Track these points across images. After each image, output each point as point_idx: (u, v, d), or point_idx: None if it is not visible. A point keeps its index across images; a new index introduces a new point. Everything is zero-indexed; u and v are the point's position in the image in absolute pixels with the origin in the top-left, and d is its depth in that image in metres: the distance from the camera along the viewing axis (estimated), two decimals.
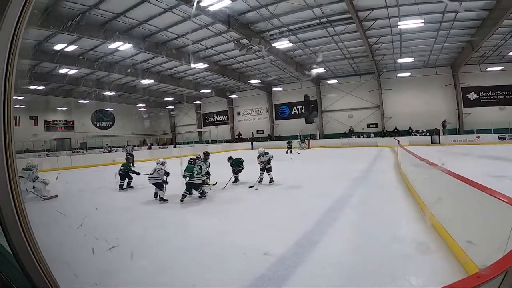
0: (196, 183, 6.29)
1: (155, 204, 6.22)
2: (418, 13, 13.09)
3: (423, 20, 13.22)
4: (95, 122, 32.66)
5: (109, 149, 25.89)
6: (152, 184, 6.47)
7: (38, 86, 22.34)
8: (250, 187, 7.38)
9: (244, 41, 16.90)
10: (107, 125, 33.68)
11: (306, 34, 16.63)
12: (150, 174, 6.55)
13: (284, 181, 8.11)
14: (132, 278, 2.91)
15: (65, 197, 7.41)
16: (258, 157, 7.99)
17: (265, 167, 7.88)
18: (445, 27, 15.20)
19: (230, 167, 8.32)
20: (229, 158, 8.42)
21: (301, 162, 14.41)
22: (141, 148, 30.91)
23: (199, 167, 6.56)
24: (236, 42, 17.28)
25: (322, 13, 14.00)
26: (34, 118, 27.42)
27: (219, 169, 8.39)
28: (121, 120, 34.29)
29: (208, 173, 7.41)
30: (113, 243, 3.39)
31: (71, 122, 30.55)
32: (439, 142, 21.36)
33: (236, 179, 8.24)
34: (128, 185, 8.30)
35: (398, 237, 3.75)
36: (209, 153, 7.73)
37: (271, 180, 7.90)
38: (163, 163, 6.67)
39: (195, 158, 7.30)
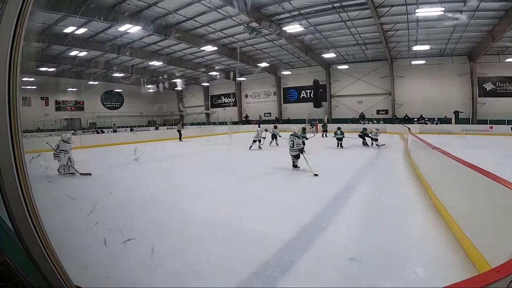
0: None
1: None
2: (438, 1, 12.48)
3: (443, 8, 12.63)
4: (105, 103, 32.94)
5: (115, 129, 26.41)
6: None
7: (48, 68, 22.60)
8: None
9: (254, 24, 16.49)
10: (116, 106, 33.95)
11: (318, 19, 16.06)
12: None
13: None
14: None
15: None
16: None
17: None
18: (466, 16, 14.40)
19: None
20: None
21: (307, 148, 14.25)
22: (148, 128, 31.31)
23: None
24: (246, 25, 16.88)
25: None
26: (45, 98, 27.83)
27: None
28: (130, 101, 34.49)
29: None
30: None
31: (81, 103, 30.89)
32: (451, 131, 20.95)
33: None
34: None
35: (406, 226, 3.75)
36: None
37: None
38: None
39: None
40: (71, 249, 2.91)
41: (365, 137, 13.15)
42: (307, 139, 8.26)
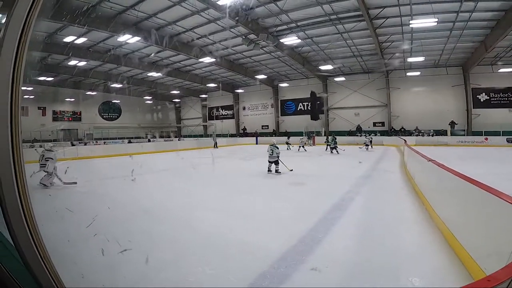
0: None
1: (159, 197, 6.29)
2: (431, 12, 12.86)
3: (436, 19, 13.00)
4: (102, 114, 32.94)
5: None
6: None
7: (47, 77, 22.67)
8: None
9: (252, 36, 16.80)
10: (114, 117, 33.95)
11: (315, 31, 16.44)
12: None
13: (288, 177, 8.29)
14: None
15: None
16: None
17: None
18: (459, 27, 14.90)
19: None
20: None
21: (306, 159, 14.38)
22: (146, 140, 31.25)
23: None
24: (244, 37, 17.19)
25: (332, 10, 13.82)
26: (42, 108, 27.81)
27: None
28: (128, 112, 34.55)
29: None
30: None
31: (79, 113, 30.87)
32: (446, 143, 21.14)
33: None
34: None
35: (401, 238, 3.76)
36: None
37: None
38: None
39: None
40: (68, 258, 2.96)
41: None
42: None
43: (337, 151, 16.06)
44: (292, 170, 9.04)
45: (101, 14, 13.92)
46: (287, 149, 19.32)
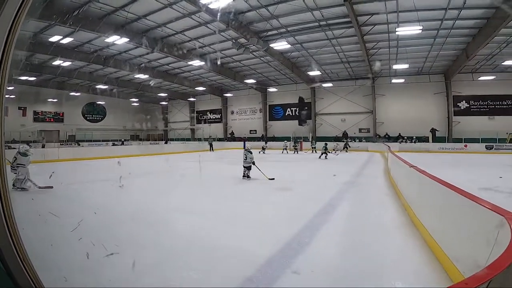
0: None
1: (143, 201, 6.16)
2: (416, 20, 13.33)
3: (421, 27, 13.47)
4: (86, 115, 32.09)
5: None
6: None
7: (29, 77, 21.94)
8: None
9: (242, 40, 16.88)
10: (98, 118, 33.13)
11: (304, 36, 16.72)
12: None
13: (274, 183, 8.27)
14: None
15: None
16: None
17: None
18: (442, 35, 15.50)
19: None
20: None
21: (292, 164, 14.47)
22: (131, 143, 30.67)
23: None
24: (234, 41, 17.25)
25: (322, 16, 14.10)
26: (23, 108, 26.85)
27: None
28: (113, 114, 33.80)
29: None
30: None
31: (61, 114, 29.94)
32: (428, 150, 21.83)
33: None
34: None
35: (385, 242, 3.83)
36: None
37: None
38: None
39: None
40: (50, 262, 2.90)
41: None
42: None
43: (325, 157, 16.24)
44: (273, 179, 8.54)
45: (90, 14, 13.65)
46: (259, 152, 19.59)
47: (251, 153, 8.84)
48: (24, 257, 1.13)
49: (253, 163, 8.77)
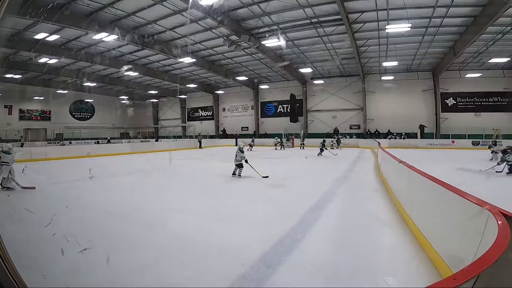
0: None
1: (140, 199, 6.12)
2: (406, 18, 13.52)
3: (410, 25, 13.68)
4: (74, 113, 31.47)
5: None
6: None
7: (14, 74, 21.38)
8: None
9: (234, 37, 16.80)
10: (86, 116, 32.53)
11: (296, 34, 16.73)
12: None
13: (266, 180, 8.31)
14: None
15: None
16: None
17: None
18: (431, 32, 15.78)
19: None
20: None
21: (283, 161, 14.53)
22: (121, 140, 30.24)
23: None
24: (225, 38, 17.14)
25: (314, 13, 14.14)
26: (8, 106, 26.16)
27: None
28: (102, 112, 33.23)
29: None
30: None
31: (48, 112, 29.27)
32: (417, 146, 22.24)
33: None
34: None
35: (375, 238, 3.90)
36: None
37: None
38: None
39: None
40: (30, 260, 2.89)
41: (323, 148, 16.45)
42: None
43: (320, 154, 16.18)
44: (267, 177, 8.51)
45: (77, 11, 13.35)
46: (247, 150, 19.44)
47: (242, 152, 8.81)
48: (5, 256, 1.13)
49: (246, 161, 8.72)
